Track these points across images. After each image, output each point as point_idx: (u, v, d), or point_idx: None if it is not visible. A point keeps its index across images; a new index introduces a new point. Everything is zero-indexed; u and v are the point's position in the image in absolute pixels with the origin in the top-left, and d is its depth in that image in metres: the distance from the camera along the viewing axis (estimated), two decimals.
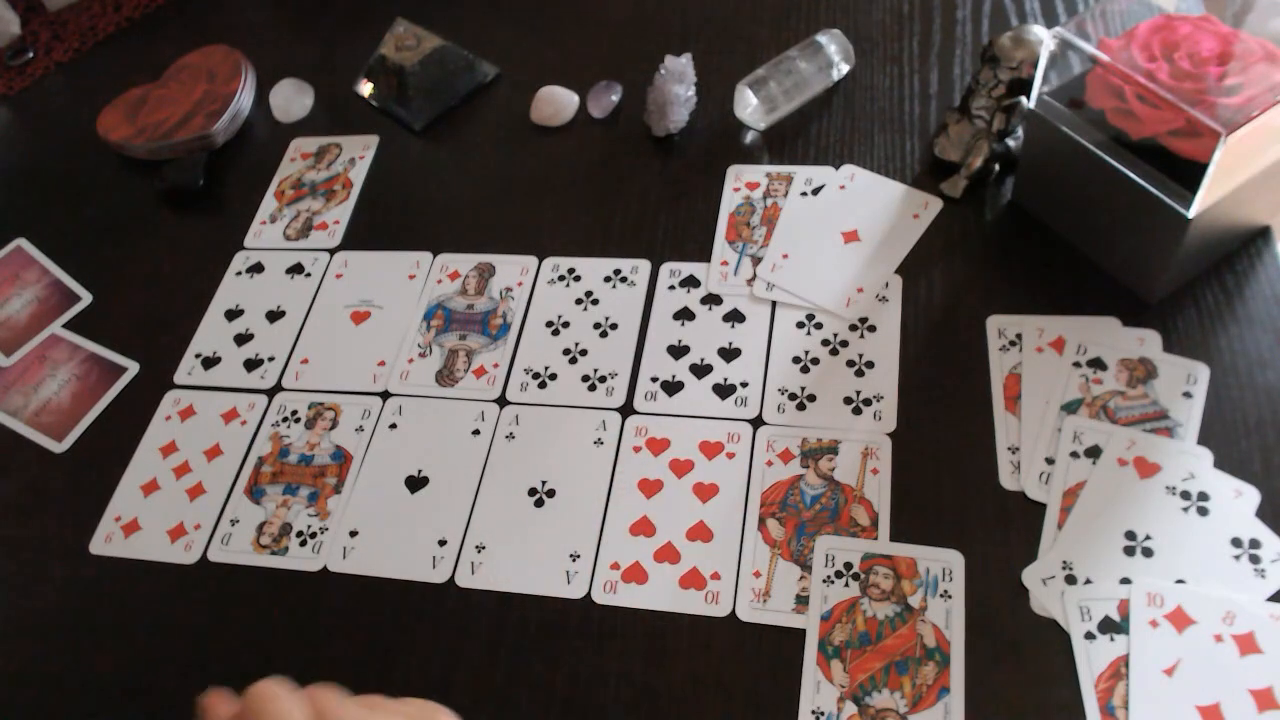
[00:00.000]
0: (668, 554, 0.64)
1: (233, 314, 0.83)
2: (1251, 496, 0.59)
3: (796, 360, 0.71)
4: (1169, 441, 0.62)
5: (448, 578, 0.65)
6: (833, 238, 0.77)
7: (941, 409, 0.67)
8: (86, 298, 0.87)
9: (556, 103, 0.90)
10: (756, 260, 0.77)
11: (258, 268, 0.86)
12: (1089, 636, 0.56)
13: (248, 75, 0.99)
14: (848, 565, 0.61)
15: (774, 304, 0.74)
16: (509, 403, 0.73)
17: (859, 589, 0.60)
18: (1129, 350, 0.66)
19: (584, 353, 0.74)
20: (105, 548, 0.71)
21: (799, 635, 0.59)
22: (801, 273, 0.75)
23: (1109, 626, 0.56)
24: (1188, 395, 0.64)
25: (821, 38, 0.86)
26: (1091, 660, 0.56)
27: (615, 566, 0.64)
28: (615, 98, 0.89)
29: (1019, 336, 0.69)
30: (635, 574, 0.64)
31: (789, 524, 0.64)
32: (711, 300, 0.75)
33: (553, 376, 0.74)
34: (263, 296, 0.84)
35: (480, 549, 0.66)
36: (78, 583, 0.70)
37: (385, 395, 0.75)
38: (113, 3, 1.14)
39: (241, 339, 0.81)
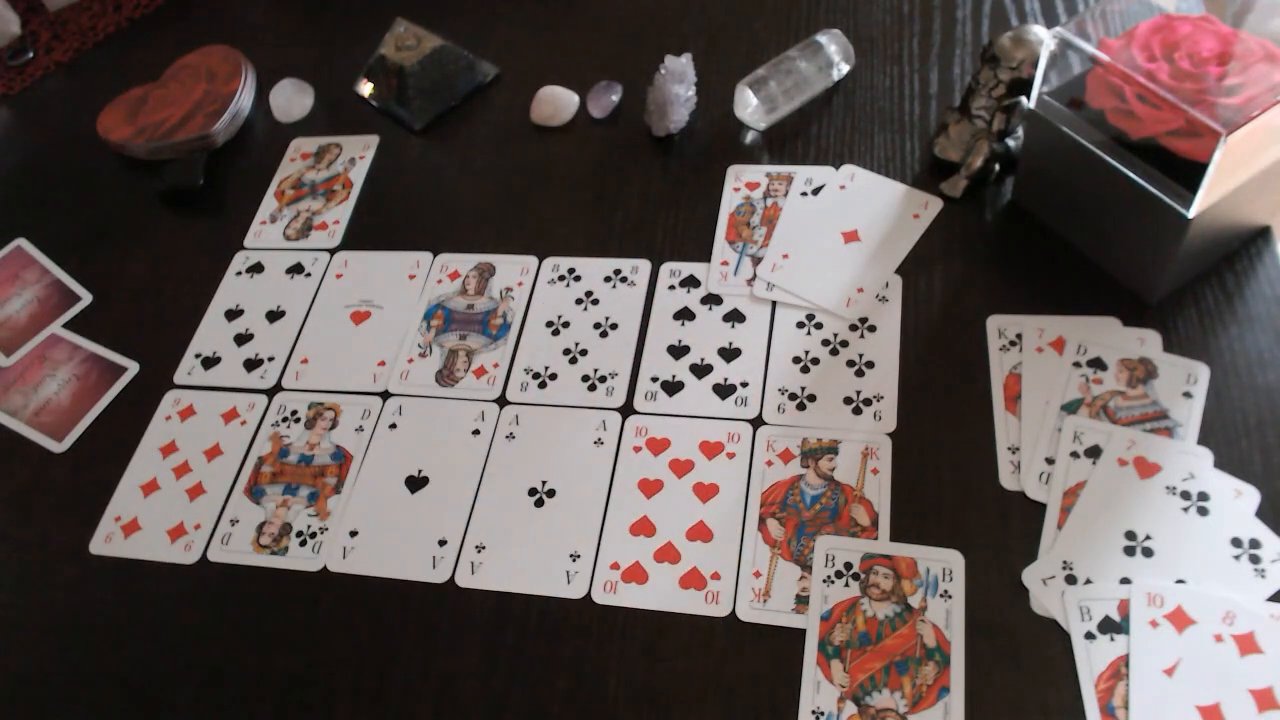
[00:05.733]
0: (668, 554, 0.64)
1: (233, 314, 0.83)
2: (1251, 496, 0.59)
3: (796, 360, 0.71)
4: (1169, 441, 0.62)
5: (448, 578, 0.65)
6: (833, 238, 0.77)
7: (941, 409, 0.67)
8: (86, 298, 0.87)
9: (556, 103, 0.90)
10: (756, 260, 0.77)
11: (258, 268, 0.86)
12: (1089, 636, 0.56)
13: (248, 75, 0.99)
14: (848, 565, 0.61)
15: (774, 304, 0.74)
16: (509, 403, 0.73)
17: (859, 589, 0.60)
18: (1129, 350, 0.66)
19: (584, 353, 0.74)
20: (105, 548, 0.71)
21: (799, 635, 0.59)
22: (801, 273, 0.75)
23: (1109, 626, 0.56)
24: (1188, 395, 0.64)
25: (821, 38, 0.86)
26: (1091, 660, 0.56)
27: (615, 566, 0.64)
28: (615, 98, 0.89)
29: (1019, 336, 0.69)
30: (635, 574, 0.64)
31: (789, 524, 0.64)
32: (711, 300, 0.75)
33: (553, 376, 0.74)
34: (263, 296, 0.84)
35: (480, 549, 0.66)
36: (78, 583, 0.70)
37: (385, 395, 0.75)
38: (113, 3, 1.14)
39: (241, 339, 0.81)
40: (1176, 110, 0.59)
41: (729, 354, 0.72)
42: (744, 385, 0.71)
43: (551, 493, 0.68)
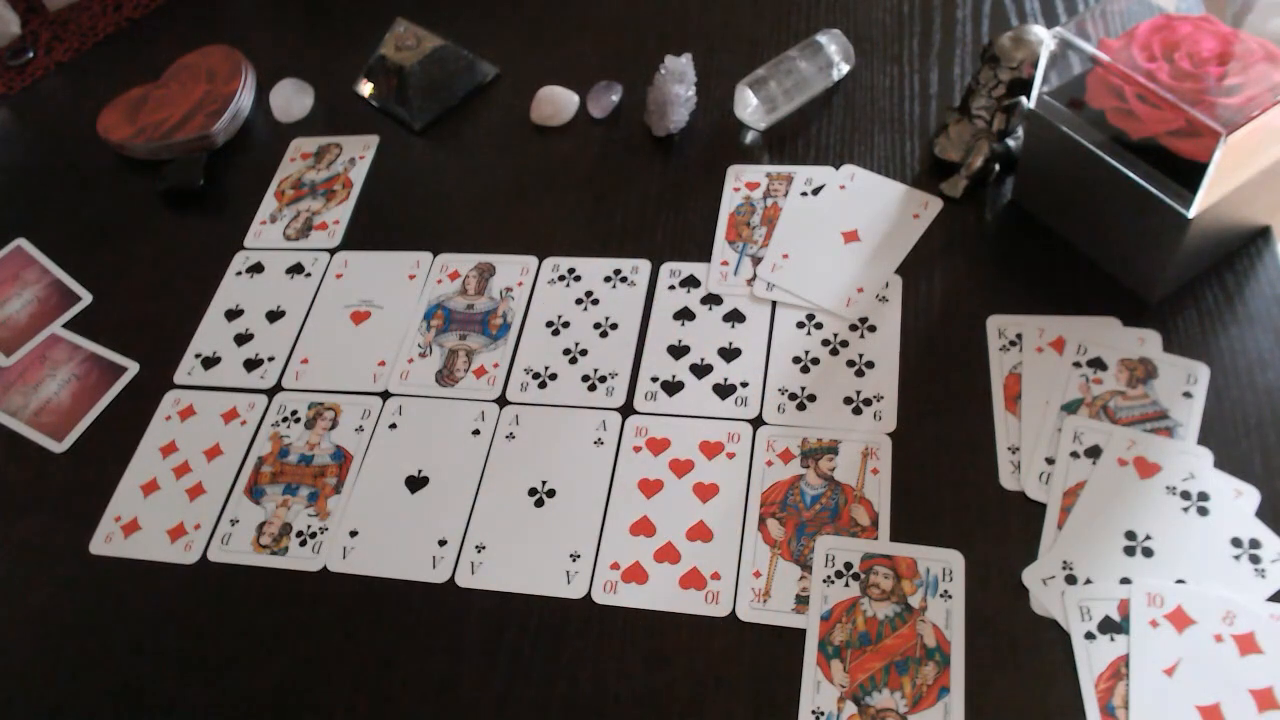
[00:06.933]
0: (668, 554, 0.64)
1: (233, 314, 0.83)
2: (1251, 496, 0.59)
3: (796, 360, 0.71)
4: (1169, 441, 0.62)
5: (448, 578, 0.65)
6: (833, 238, 0.77)
7: (941, 409, 0.67)
8: (86, 298, 0.87)
9: (556, 103, 0.90)
10: (756, 260, 0.77)
11: (258, 268, 0.86)
12: (1089, 636, 0.56)
13: (248, 75, 0.99)
14: (848, 565, 0.61)
15: (774, 304, 0.74)
16: (509, 403, 0.73)
17: (859, 589, 0.60)
18: (1129, 350, 0.66)
19: (584, 353, 0.74)
20: (105, 548, 0.71)
21: (799, 635, 0.59)
22: (801, 273, 0.75)
23: (1109, 626, 0.56)
24: (1188, 395, 0.64)
25: (821, 38, 0.86)
26: (1091, 660, 0.56)
27: (615, 566, 0.64)
28: (615, 98, 0.89)
29: (1019, 336, 0.69)
30: (635, 574, 0.64)
31: (789, 524, 0.64)
32: (711, 300, 0.75)
33: (553, 376, 0.74)
34: (263, 296, 0.84)
35: (480, 549, 0.66)
36: (78, 583, 0.70)
37: (385, 395, 0.75)
38: (113, 3, 1.14)
39: (241, 339, 0.81)
40: (1176, 110, 0.59)
41: (729, 354, 0.72)
42: (744, 385, 0.71)
43: (551, 493, 0.68)
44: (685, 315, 0.75)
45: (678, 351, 0.73)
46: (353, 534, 0.69)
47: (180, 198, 0.92)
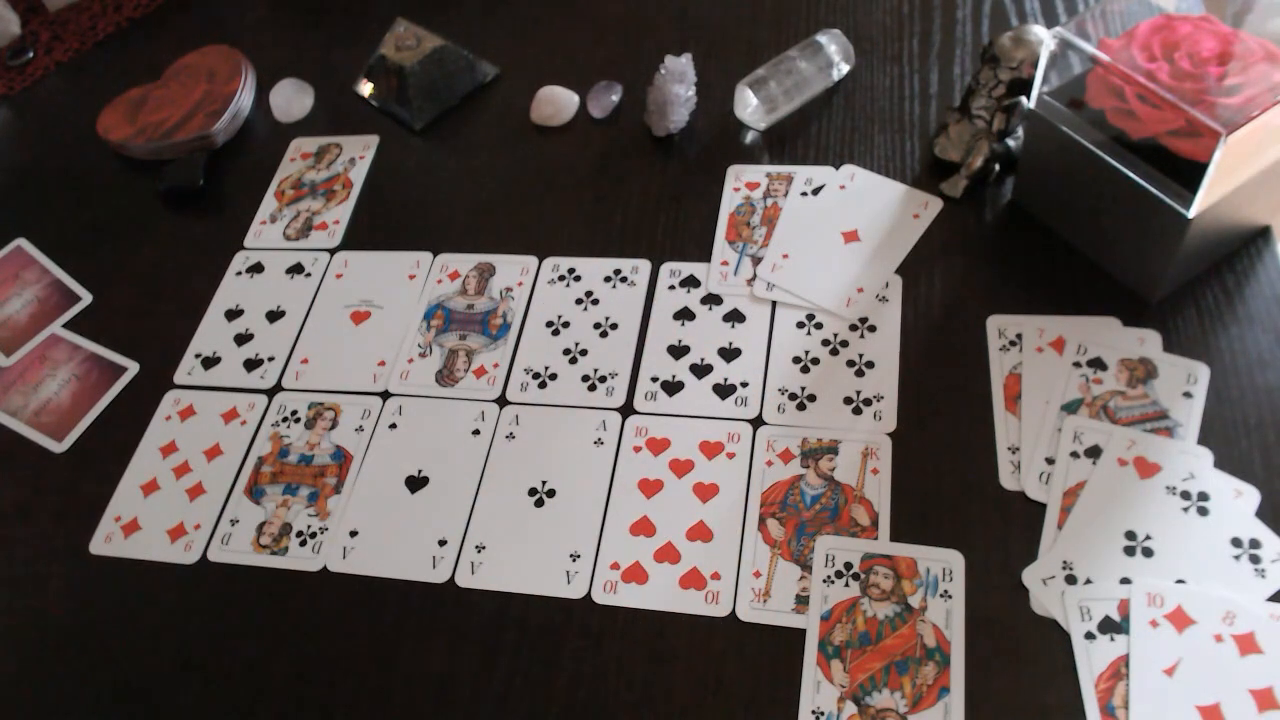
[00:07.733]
0: (668, 554, 0.64)
1: (233, 314, 0.83)
2: (1251, 496, 0.59)
3: (796, 360, 0.71)
4: (1169, 441, 0.62)
5: (448, 578, 0.65)
6: (833, 238, 0.77)
7: (941, 409, 0.67)
8: (86, 298, 0.87)
9: (556, 103, 0.90)
10: (756, 260, 0.77)
11: (258, 268, 0.86)
12: (1089, 636, 0.56)
13: (248, 75, 0.99)
14: (848, 565, 0.61)
15: (774, 304, 0.74)
16: (509, 403, 0.73)
17: (859, 589, 0.60)
18: (1129, 350, 0.66)
19: (584, 353, 0.74)
20: (105, 548, 0.71)
21: (799, 635, 0.59)
22: (801, 273, 0.75)
23: (1109, 626, 0.56)
24: (1188, 395, 0.64)
25: (821, 38, 0.86)
26: (1091, 660, 0.56)
27: (615, 566, 0.64)
28: (615, 98, 0.89)
29: (1019, 336, 0.69)
30: (635, 574, 0.64)
31: (789, 524, 0.64)
32: (711, 300, 0.75)
33: (553, 376, 0.74)
34: (263, 296, 0.84)
35: (480, 549, 0.66)
36: (78, 583, 0.70)
37: (385, 395, 0.75)
38: (113, 3, 1.14)
39: (241, 339, 0.81)
40: (1177, 110, 0.59)
41: (729, 354, 0.72)
42: (744, 385, 0.71)
43: (551, 493, 0.68)
44: (685, 315, 0.75)
45: (678, 351, 0.73)
46: (353, 534, 0.69)
47: (180, 198, 0.92)
